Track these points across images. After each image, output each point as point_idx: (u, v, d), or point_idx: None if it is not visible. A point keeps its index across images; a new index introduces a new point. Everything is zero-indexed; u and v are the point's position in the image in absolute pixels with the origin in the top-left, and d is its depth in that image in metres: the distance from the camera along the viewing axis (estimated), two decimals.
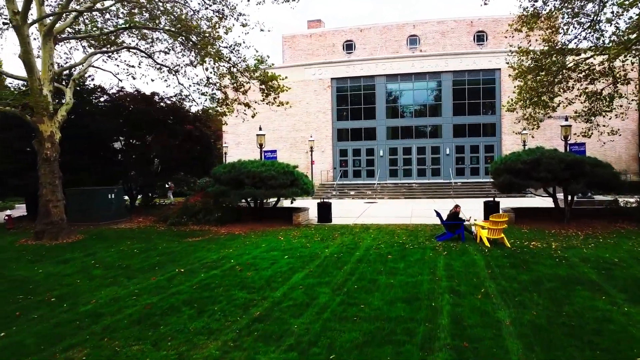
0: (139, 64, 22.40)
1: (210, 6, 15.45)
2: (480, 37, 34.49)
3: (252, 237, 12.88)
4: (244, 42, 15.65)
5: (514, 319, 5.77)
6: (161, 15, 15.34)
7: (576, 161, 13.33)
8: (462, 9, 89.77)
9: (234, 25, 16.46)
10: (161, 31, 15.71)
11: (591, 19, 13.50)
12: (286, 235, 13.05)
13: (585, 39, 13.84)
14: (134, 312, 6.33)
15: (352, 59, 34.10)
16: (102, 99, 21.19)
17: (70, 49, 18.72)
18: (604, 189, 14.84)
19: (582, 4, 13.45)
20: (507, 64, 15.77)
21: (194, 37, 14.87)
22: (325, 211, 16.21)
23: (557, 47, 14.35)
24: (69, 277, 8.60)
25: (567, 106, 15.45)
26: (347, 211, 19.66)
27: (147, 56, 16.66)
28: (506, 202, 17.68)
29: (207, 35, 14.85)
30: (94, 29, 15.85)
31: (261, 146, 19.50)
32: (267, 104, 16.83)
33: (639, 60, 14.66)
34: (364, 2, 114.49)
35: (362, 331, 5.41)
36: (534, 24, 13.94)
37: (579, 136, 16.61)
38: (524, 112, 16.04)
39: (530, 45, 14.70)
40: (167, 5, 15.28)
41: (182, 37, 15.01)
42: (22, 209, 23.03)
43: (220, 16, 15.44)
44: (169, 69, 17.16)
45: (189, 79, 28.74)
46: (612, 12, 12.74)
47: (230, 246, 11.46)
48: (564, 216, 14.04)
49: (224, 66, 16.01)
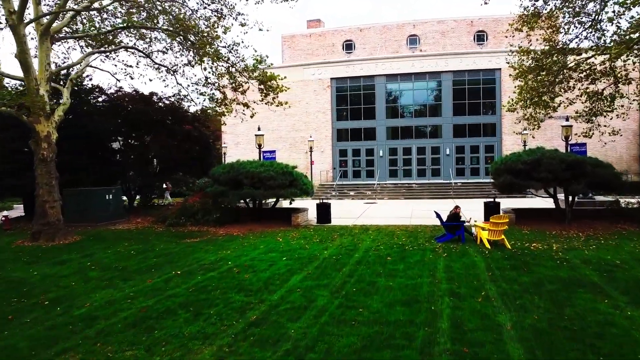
0: (137, 64, 22.37)
1: (208, 5, 15.37)
2: (480, 37, 34.38)
3: (250, 238, 12.79)
4: (243, 42, 15.58)
5: (514, 322, 5.68)
6: (159, 14, 15.25)
7: (577, 161, 13.25)
8: (462, 8, 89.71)
9: (232, 24, 16.41)
10: (159, 31, 15.62)
11: (592, 18, 13.41)
12: (285, 236, 12.96)
13: (586, 38, 13.76)
14: (129, 316, 6.23)
15: (352, 58, 34.00)
16: (100, 99, 21.12)
17: (68, 49, 18.65)
18: (605, 190, 14.77)
19: (583, 3, 13.36)
20: (508, 63, 15.68)
21: (192, 37, 14.78)
22: (324, 212, 16.12)
23: (558, 47, 14.25)
24: (64, 278, 8.51)
25: (568, 106, 15.36)
26: (346, 212, 19.56)
27: (145, 56, 16.58)
28: (506, 203, 17.59)
29: (205, 34, 14.75)
30: (92, 28, 15.76)
31: (260, 146, 19.39)
32: (266, 104, 16.73)
33: None
34: (363, 1, 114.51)
35: (360, 335, 5.32)
36: (534, 24, 13.85)
37: (580, 136, 16.52)
38: (525, 112, 15.96)
39: (530, 44, 14.61)
40: (165, 4, 15.19)
41: (180, 36, 14.92)
42: (20, 210, 22.92)
43: (218, 15, 15.36)
44: (167, 68, 17.08)
45: (187, 78, 28.65)
46: (614, 12, 12.66)
47: (228, 247, 11.37)
48: (565, 217, 13.95)
49: (223, 66, 15.92)
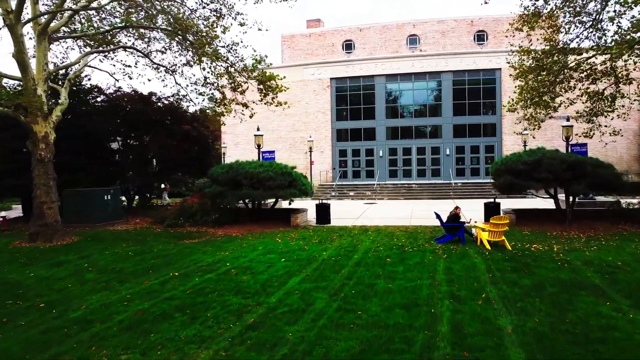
0: (136, 64, 22.20)
1: (207, 5, 15.29)
2: (480, 37, 34.29)
3: (249, 239, 12.70)
4: (242, 42, 15.42)
5: (515, 326, 5.59)
6: (158, 14, 15.17)
7: (578, 162, 13.17)
8: (462, 8, 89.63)
9: (231, 24, 16.30)
10: (158, 30, 15.54)
11: (593, 17, 13.32)
12: (284, 237, 12.88)
13: (587, 38, 13.66)
14: (124, 319, 6.15)
15: (352, 58, 33.91)
16: (99, 99, 21.03)
17: (66, 49, 18.61)
18: (605, 190, 14.68)
19: (583, 3, 13.27)
20: (508, 63, 15.59)
21: (191, 37, 14.69)
22: (323, 212, 16.04)
23: (558, 47, 14.17)
24: (60, 281, 8.42)
25: (568, 106, 15.27)
26: (346, 212, 19.48)
27: (143, 56, 16.49)
28: (507, 203, 17.50)
29: (204, 34, 14.67)
30: (90, 28, 15.68)
31: (259, 147, 19.31)
32: (265, 104, 16.65)
33: None
34: (362, 1, 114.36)
35: (358, 339, 5.23)
36: (535, 23, 13.77)
37: (580, 137, 16.44)
38: (525, 112, 15.88)
39: (531, 44, 14.52)
40: (164, 4, 15.11)
41: (179, 36, 14.83)
42: (19, 210, 22.84)
43: (217, 15, 15.28)
44: (166, 68, 16.99)
45: (186, 78, 28.48)
46: (615, 11, 12.57)
47: (226, 249, 11.29)
48: (566, 217, 13.86)
49: (222, 66, 15.83)
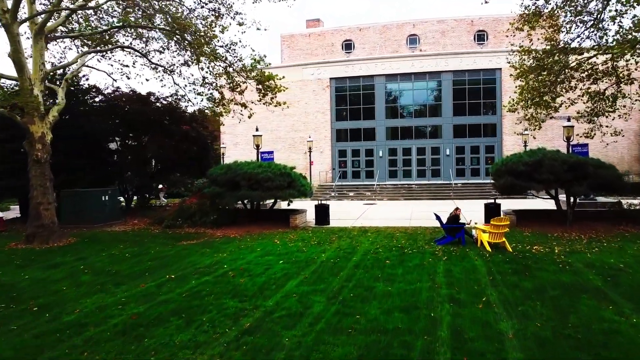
0: (134, 64, 22.09)
1: (206, 4, 15.18)
2: (480, 37, 34.19)
3: (247, 241, 12.60)
4: (240, 41, 15.29)
5: (517, 330, 5.49)
6: (156, 13, 15.06)
7: (579, 163, 13.06)
8: (461, 7, 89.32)
9: (230, 24, 16.18)
10: (156, 30, 15.43)
11: (594, 17, 13.21)
12: (282, 238, 12.77)
13: (588, 37, 13.55)
14: (118, 323, 6.04)
15: (351, 58, 33.81)
16: (97, 99, 20.93)
17: (64, 49, 18.48)
18: (607, 191, 14.58)
19: (585, 2, 13.16)
20: (509, 63, 15.49)
21: (189, 36, 14.58)
22: (322, 213, 15.93)
23: (559, 46, 14.07)
24: (56, 283, 8.31)
25: (569, 106, 15.16)
26: (345, 213, 19.37)
27: (141, 55, 16.38)
28: (507, 204, 17.38)
29: (202, 34, 14.57)
30: (88, 28, 15.57)
31: (258, 147, 19.20)
32: (264, 104, 16.54)
33: None
34: (361, 0, 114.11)
35: (357, 345, 5.13)
36: (535, 23, 13.65)
37: (581, 137, 16.33)
38: (526, 113, 15.78)
39: (532, 44, 14.42)
40: (162, 3, 15.00)
41: (177, 36, 14.72)
42: (17, 211, 22.72)
43: (216, 15, 15.17)
44: (164, 68, 16.89)
45: (184, 78, 28.35)
46: (616, 11, 12.46)
47: (224, 250, 11.18)
48: (567, 219, 13.76)
49: (220, 66, 15.73)
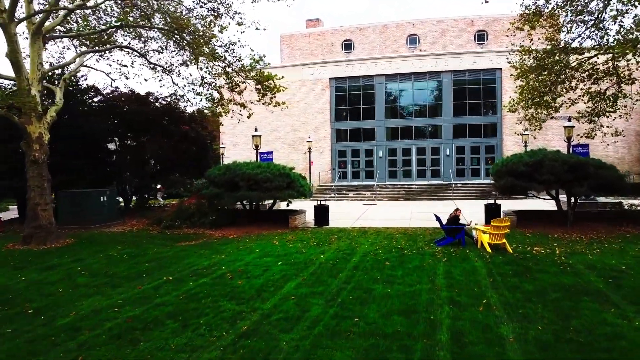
0: (132, 64, 22.01)
1: (205, 4, 15.11)
2: (480, 37, 34.09)
3: (246, 242, 12.52)
4: (239, 41, 15.21)
5: (518, 334, 5.41)
6: (154, 13, 14.97)
7: (580, 163, 12.98)
8: (460, 7, 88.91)
9: (229, 24, 16.10)
10: (154, 30, 15.35)
11: (595, 17, 13.14)
12: (281, 239, 12.69)
13: (589, 37, 13.48)
14: (114, 326, 5.96)
15: (351, 58, 33.70)
16: (95, 99, 20.87)
17: (63, 49, 18.39)
18: (608, 192, 14.46)
19: (585, 2, 13.09)
20: (509, 63, 15.41)
21: (188, 36, 14.50)
22: (322, 214, 15.84)
23: (560, 46, 13.98)
24: (51, 285, 8.24)
25: (570, 106, 15.08)
26: (345, 213, 19.28)
27: (140, 55, 16.30)
28: (507, 204, 17.28)
29: (201, 33, 14.48)
30: (87, 27, 15.48)
31: (257, 147, 19.11)
32: (263, 104, 16.45)
33: None
34: None
35: (355, 349, 5.04)
36: (536, 22, 13.58)
37: (582, 137, 16.24)
38: (526, 113, 15.70)
39: (532, 44, 14.34)
40: (161, 3, 14.90)
41: (175, 36, 14.64)
42: (16, 211, 22.62)
43: (215, 15, 15.09)
44: (163, 68, 16.80)
45: (183, 78, 28.23)
46: (617, 10, 12.39)
47: (223, 251, 11.10)
48: (567, 219, 13.68)
49: (219, 66, 15.64)
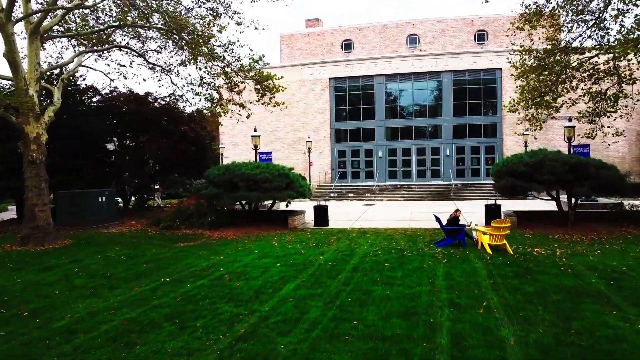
0: (131, 64, 22.00)
1: (203, 4, 15.03)
2: (480, 36, 34.03)
3: (245, 242, 12.46)
4: (238, 41, 15.14)
5: (518, 337, 5.34)
6: (153, 13, 14.90)
7: (580, 163, 12.92)
8: (460, 7, 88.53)
9: (228, 23, 16.04)
10: (153, 29, 15.27)
11: (596, 16, 13.07)
12: (280, 240, 12.62)
13: (589, 37, 13.41)
14: (110, 329, 5.89)
15: (351, 58, 33.63)
16: (94, 99, 20.80)
17: (61, 49, 18.36)
18: (608, 192, 14.40)
19: (586, 1, 13.02)
20: (509, 63, 15.34)
21: (187, 36, 14.43)
22: (321, 214, 15.77)
23: (560, 46, 13.92)
24: (48, 287, 8.16)
25: (570, 106, 15.01)
26: (344, 214, 19.21)
27: (138, 55, 16.23)
28: (507, 205, 17.21)
29: (199, 33, 14.42)
30: (85, 27, 15.42)
31: (256, 148, 19.04)
32: (262, 104, 16.38)
33: None
34: None
35: (353, 352, 4.97)
36: (536, 22, 13.51)
37: (582, 137, 16.17)
38: (526, 113, 15.63)
39: (533, 43, 14.27)
40: (160, 2, 14.83)
41: (174, 35, 14.57)
42: (14, 212, 22.55)
43: (214, 14, 15.02)
44: (162, 68, 16.73)
45: (182, 78, 28.11)
46: (618, 10, 12.32)
47: (221, 252, 11.04)
48: (568, 220, 13.61)
49: (218, 65, 15.57)
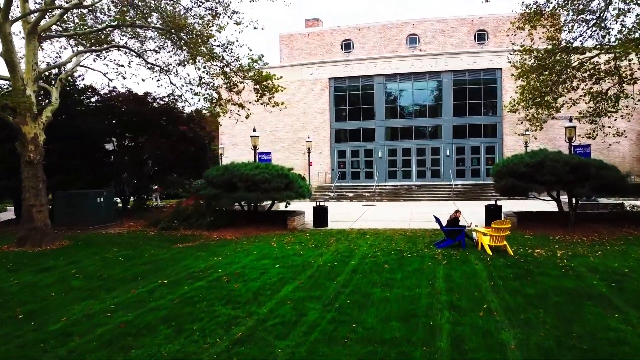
0: (129, 63, 21.84)
1: (202, 3, 14.97)
2: (481, 36, 33.96)
3: (244, 243, 12.38)
4: (237, 41, 15.07)
5: (519, 340, 5.27)
6: (151, 12, 14.83)
7: (581, 164, 12.85)
8: (459, 6, 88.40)
9: (227, 23, 15.96)
10: (152, 29, 15.20)
11: (597, 16, 13.00)
12: (279, 241, 12.55)
13: (590, 37, 13.35)
14: (106, 332, 5.82)
15: (351, 58, 33.55)
16: (93, 99, 20.72)
17: (60, 48, 18.30)
18: (609, 192, 14.34)
19: (587, 1, 12.95)
20: (510, 62, 15.27)
21: (185, 36, 14.35)
22: (321, 215, 15.69)
23: (561, 46, 13.85)
24: (45, 288, 8.09)
25: (571, 107, 14.95)
26: (344, 215, 19.14)
27: (137, 55, 16.16)
28: (507, 205, 17.14)
29: (198, 33, 14.35)
30: (84, 27, 15.35)
31: (255, 148, 18.96)
32: (261, 104, 16.33)
33: None
34: None
35: (352, 356, 4.90)
36: (536, 22, 13.45)
37: (583, 137, 16.10)
38: (527, 113, 15.56)
39: (533, 43, 14.21)
40: (158, 2, 14.76)
41: (173, 35, 14.50)
42: (13, 212, 22.47)
43: (213, 14, 14.95)
44: (160, 68, 16.66)
45: (181, 78, 27.89)
46: (619, 9, 12.25)
47: (220, 253, 10.96)
48: (568, 220, 13.53)
49: (217, 65, 15.51)
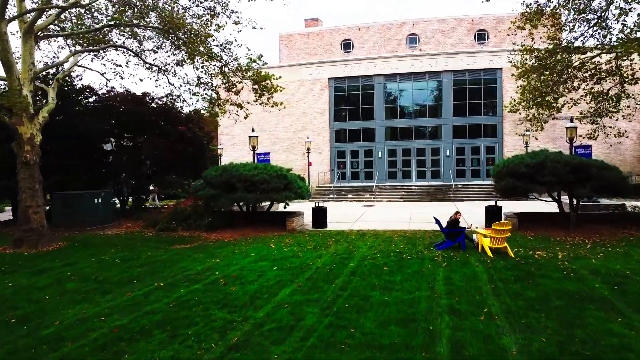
0: (127, 63, 21.72)
1: (201, 3, 14.87)
2: (481, 36, 33.86)
3: (242, 245, 12.28)
4: (236, 40, 15.03)
5: (520, 346, 5.16)
6: (149, 12, 14.73)
7: (582, 164, 12.72)
8: (459, 6, 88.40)
9: (226, 23, 15.89)
10: (150, 29, 15.10)
11: (598, 15, 12.90)
12: (278, 242, 12.45)
13: (591, 36, 13.25)
14: (99, 337, 5.71)
15: (350, 58, 33.44)
16: (91, 100, 20.61)
17: (58, 48, 18.17)
18: (610, 193, 14.23)
19: (588, 0, 12.85)
20: (510, 62, 15.17)
21: (183, 36, 14.25)
22: (320, 216, 15.58)
23: (562, 45, 13.75)
24: (39, 291, 7.98)
25: (572, 107, 14.85)
26: (343, 215, 19.02)
27: (135, 55, 16.06)
28: (508, 206, 17.04)
29: (196, 32, 14.25)
30: (81, 26, 15.25)
31: (254, 148, 18.87)
32: (260, 104, 16.24)
33: None
34: None
35: None
36: (537, 21, 13.35)
37: (584, 138, 16.00)
38: (527, 113, 15.46)
39: (534, 43, 14.10)
40: (156, 1, 14.67)
41: (171, 35, 14.40)
42: (10, 213, 22.36)
43: (211, 14, 14.86)
44: (158, 68, 16.56)
45: (179, 78, 27.84)
46: (620, 9, 12.15)
47: (218, 255, 10.86)
48: (569, 222, 13.41)
49: (215, 65, 15.41)
